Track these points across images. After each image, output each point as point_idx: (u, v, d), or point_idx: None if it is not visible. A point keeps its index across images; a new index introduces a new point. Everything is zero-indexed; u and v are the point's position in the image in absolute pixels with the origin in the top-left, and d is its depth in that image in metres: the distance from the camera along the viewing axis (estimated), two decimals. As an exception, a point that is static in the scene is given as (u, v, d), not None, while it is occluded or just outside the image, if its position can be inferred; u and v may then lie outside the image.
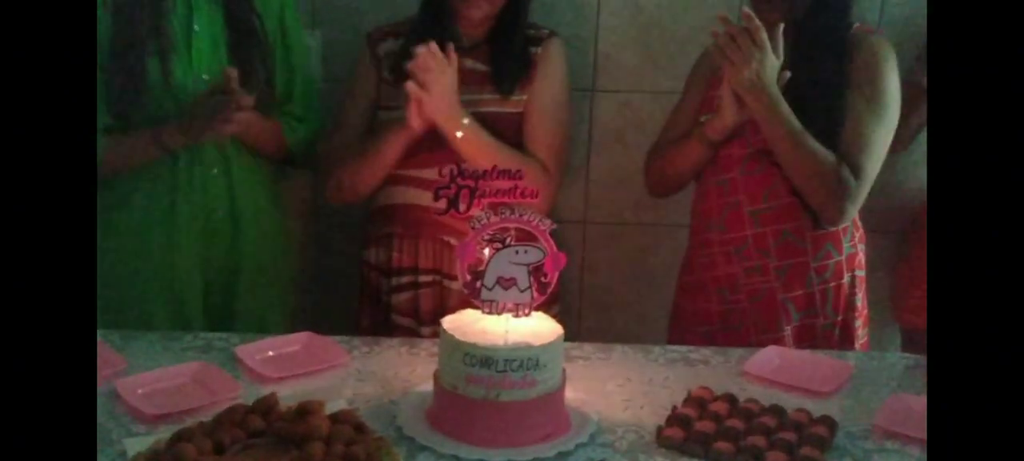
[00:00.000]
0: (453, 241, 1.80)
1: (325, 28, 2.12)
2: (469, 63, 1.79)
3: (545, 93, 1.82)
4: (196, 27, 1.66)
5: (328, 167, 1.87)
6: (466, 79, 1.77)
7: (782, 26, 1.58)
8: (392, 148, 1.75)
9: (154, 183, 1.69)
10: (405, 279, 1.87)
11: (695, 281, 1.81)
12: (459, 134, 1.70)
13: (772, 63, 1.56)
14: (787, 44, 1.62)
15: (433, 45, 1.65)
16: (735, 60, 1.54)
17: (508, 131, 1.80)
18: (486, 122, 1.75)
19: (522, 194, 1.29)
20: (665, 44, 2.16)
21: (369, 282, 1.93)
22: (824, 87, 1.61)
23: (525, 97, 1.81)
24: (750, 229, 1.70)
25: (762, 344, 1.62)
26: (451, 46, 1.68)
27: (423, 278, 1.85)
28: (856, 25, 1.68)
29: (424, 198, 1.78)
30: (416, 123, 1.68)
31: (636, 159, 2.21)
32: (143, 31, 1.60)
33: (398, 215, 1.85)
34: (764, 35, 1.54)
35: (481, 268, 1.28)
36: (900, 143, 1.73)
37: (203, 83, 1.66)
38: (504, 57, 1.80)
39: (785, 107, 1.57)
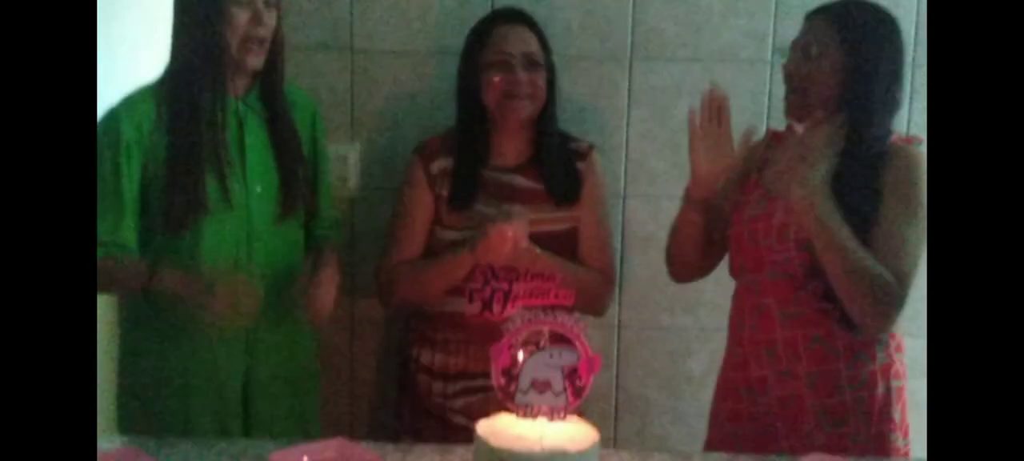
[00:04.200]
0: None
1: (363, 137, 2.18)
2: (519, 180, 1.86)
3: (595, 206, 1.92)
4: (248, 140, 1.72)
5: (388, 281, 1.90)
6: (517, 196, 1.84)
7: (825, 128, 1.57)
8: (462, 271, 1.81)
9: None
10: (469, 383, 1.87)
11: (728, 381, 1.78)
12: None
13: (819, 168, 1.53)
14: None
15: (502, 228, 1.67)
16: (780, 166, 1.55)
17: (560, 247, 1.85)
18: (540, 240, 1.79)
19: (556, 296, 1.30)
20: (695, 149, 2.19)
21: (417, 384, 1.93)
22: (857, 200, 1.59)
23: (577, 213, 1.89)
24: (780, 332, 1.67)
25: (793, 450, 1.57)
26: (525, 218, 1.71)
27: (487, 381, 1.85)
28: (893, 136, 1.67)
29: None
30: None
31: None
32: (202, 148, 1.65)
33: (455, 321, 1.87)
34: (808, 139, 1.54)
35: (515, 371, 1.28)
36: None
37: (257, 196, 1.71)
38: (555, 174, 1.87)
39: (834, 217, 1.53)
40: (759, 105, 2.15)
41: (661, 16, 2.14)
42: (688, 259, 1.80)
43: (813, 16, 1.66)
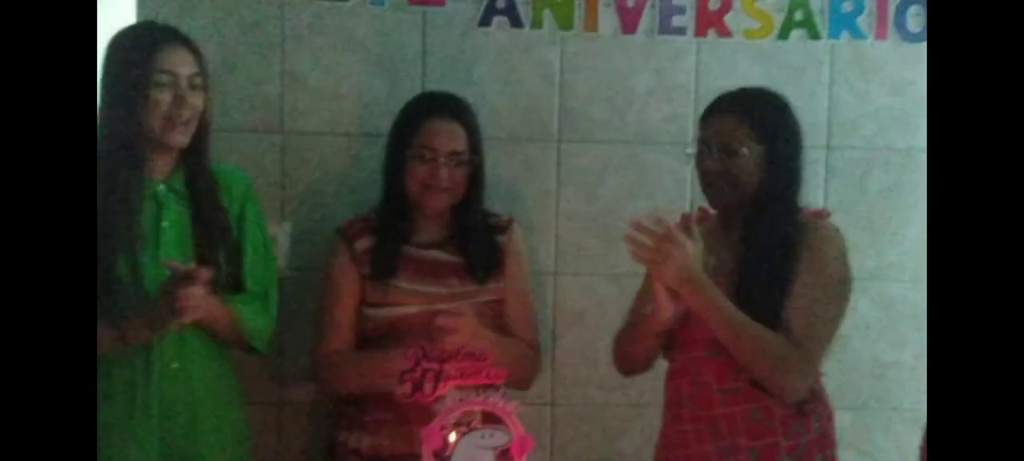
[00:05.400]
0: None
1: (293, 219, 2.17)
2: (441, 256, 1.89)
3: (519, 278, 1.95)
4: (165, 223, 1.69)
5: (328, 371, 1.90)
6: (439, 272, 1.87)
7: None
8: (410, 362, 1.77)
9: (111, 380, 1.66)
10: None
11: (667, 459, 1.79)
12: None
13: (694, 253, 1.59)
14: (736, 233, 1.70)
15: (446, 320, 1.70)
16: (655, 260, 1.59)
17: (484, 318, 1.85)
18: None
19: (488, 376, 1.30)
20: (622, 227, 2.22)
21: None
22: (773, 274, 1.65)
23: (500, 284, 1.91)
24: (719, 408, 1.69)
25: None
26: (470, 313, 1.74)
27: None
28: (805, 210, 1.74)
29: None
30: None
31: (600, 340, 2.24)
32: (114, 228, 1.62)
33: (384, 403, 1.82)
34: (675, 230, 1.59)
35: (446, 453, 1.26)
36: None
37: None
38: (476, 248, 1.91)
39: (715, 292, 1.61)
40: (681, 187, 2.21)
41: (586, 99, 2.21)
42: (643, 363, 1.83)
43: (719, 112, 1.73)
